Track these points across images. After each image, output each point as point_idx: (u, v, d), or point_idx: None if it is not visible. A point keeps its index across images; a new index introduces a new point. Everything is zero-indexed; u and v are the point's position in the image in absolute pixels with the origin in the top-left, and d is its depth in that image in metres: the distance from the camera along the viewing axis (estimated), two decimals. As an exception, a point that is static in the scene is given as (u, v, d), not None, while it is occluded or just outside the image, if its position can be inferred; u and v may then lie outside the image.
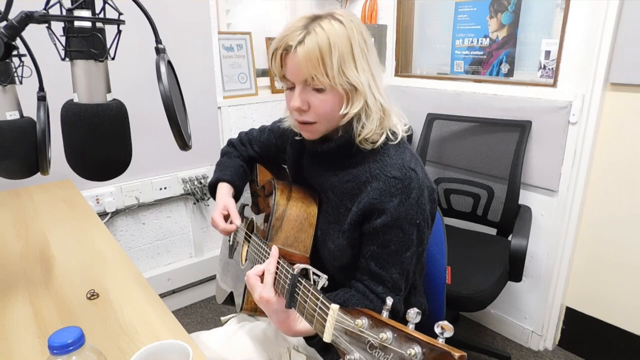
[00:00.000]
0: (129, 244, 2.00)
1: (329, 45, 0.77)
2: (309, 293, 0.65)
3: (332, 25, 0.79)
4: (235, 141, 1.23)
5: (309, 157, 1.00)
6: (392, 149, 0.87)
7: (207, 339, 1.00)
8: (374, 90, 0.83)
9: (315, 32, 0.78)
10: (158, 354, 0.64)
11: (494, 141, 1.77)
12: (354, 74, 0.80)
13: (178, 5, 1.87)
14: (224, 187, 1.12)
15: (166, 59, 0.65)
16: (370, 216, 0.83)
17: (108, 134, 0.62)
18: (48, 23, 0.56)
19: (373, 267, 0.84)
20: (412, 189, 0.82)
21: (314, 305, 0.63)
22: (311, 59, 0.78)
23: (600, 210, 1.66)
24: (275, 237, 0.92)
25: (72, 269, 1.02)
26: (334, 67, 0.78)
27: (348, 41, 0.79)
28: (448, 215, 1.90)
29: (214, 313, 2.16)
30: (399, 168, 0.83)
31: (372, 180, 0.84)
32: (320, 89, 0.81)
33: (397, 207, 0.81)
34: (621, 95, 1.53)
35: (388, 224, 0.81)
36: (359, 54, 0.81)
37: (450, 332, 0.45)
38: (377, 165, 0.85)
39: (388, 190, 0.81)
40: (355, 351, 0.51)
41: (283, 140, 1.11)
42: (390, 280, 0.84)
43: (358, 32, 0.81)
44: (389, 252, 0.83)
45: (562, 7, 1.59)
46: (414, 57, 2.20)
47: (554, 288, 1.80)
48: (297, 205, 0.95)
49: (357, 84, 0.80)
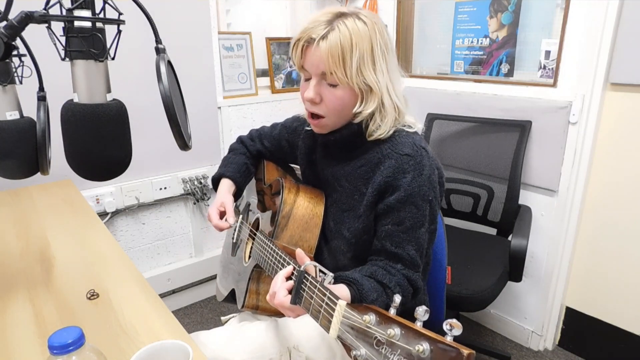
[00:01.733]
0: (129, 244, 2.00)
1: (351, 44, 0.80)
2: (315, 289, 0.65)
3: (355, 25, 0.81)
4: (245, 138, 1.25)
5: (321, 149, 1.02)
6: (403, 132, 0.89)
7: (207, 339, 1.00)
8: (390, 92, 0.85)
9: (339, 29, 0.80)
10: (158, 354, 0.64)
11: (494, 141, 1.77)
12: (372, 75, 0.82)
13: (178, 5, 1.87)
14: (226, 183, 1.14)
15: (166, 59, 0.65)
16: (384, 194, 0.85)
17: (108, 134, 0.62)
18: (48, 23, 0.56)
19: (389, 247, 0.85)
20: (424, 166, 0.84)
21: (320, 301, 0.63)
22: (332, 55, 0.80)
23: (600, 211, 1.66)
24: (281, 235, 0.93)
25: (72, 269, 1.02)
26: (353, 66, 0.80)
27: (369, 42, 0.81)
28: (448, 215, 1.90)
29: (214, 313, 2.16)
30: (410, 146, 0.85)
31: (385, 159, 0.86)
32: (335, 85, 0.84)
33: (410, 183, 0.83)
34: (621, 95, 1.53)
35: (402, 199, 0.83)
36: (379, 55, 0.83)
37: (459, 329, 0.44)
38: (388, 145, 0.87)
39: (401, 167, 0.84)
40: (362, 347, 0.51)
41: (295, 136, 1.13)
42: (408, 257, 0.85)
43: (380, 34, 0.83)
44: (404, 229, 0.84)
45: (562, 7, 1.59)
46: (414, 57, 2.20)
47: (554, 288, 1.80)
48: (304, 205, 0.96)
49: (373, 84, 0.83)
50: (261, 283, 1.02)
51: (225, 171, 1.16)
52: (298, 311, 0.72)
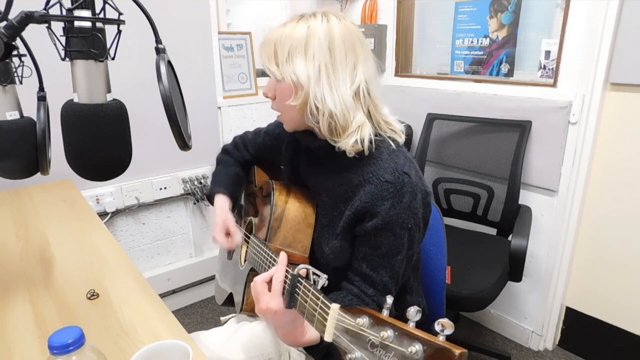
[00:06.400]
0: (129, 244, 2.00)
1: (282, 38, 0.82)
2: (310, 293, 0.65)
3: (301, 22, 0.83)
4: (230, 147, 1.24)
5: (305, 156, 1.01)
6: (386, 153, 0.86)
7: (206, 339, 1.00)
8: (326, 94, 0.82)
9: (284, 27, 0.84)
10: (158, 354, 0.64)
11: (494, 141, 1.77)
12: (301, 68, 0.81)
13: (178, 5, 1.87)
14: (221, 200, 1.11)
15: (166, 59, 0.65)
16: (362, 219, 0.84)
17: (108, 134, 0.62)
18: (48, 23, 0.56)
19: (364, 269, 0.84)
20: (404, 193, 0.81)
21: (314, 305, 0.63)
22: (265, 48, 0.86)
23: (600, 210, 1.66)
24: (274, 237, 0.92)
25: (72, 269, 1.02)
26: (283, 58, 0.82)
27: (305, 37, 0.81)
28: (448, 215, 1.90)
29: (214, 313, 2.16)
30: (392, 172, 0.82)
31: (365, 183, 0.84)
32: (278, 80, 0.86)
33: (388, 211, 0.81)
34: (621, 95, 1.53)
35: (379, 227, 0.81)
36: (316, 50, 0.81)
37: (450, 329, 0.44)
38: (370, 168, 0.84)
39: (380, 194, 0.81)
40: (357, 350, 0.51)
41: (279, 142, 1.11)
42: (381, 283, 0.84)
43: (325, 32, 0.81)
44: (380, 254, 0.83)
45: (562, 7, 1.59)
46: (414, 57, 2.20)
47: (554, 288, 1.80)
48: (295, 206, 0.95)
49: (301, 78, 0.82)
50: None
51: (218, 187, 1.13)
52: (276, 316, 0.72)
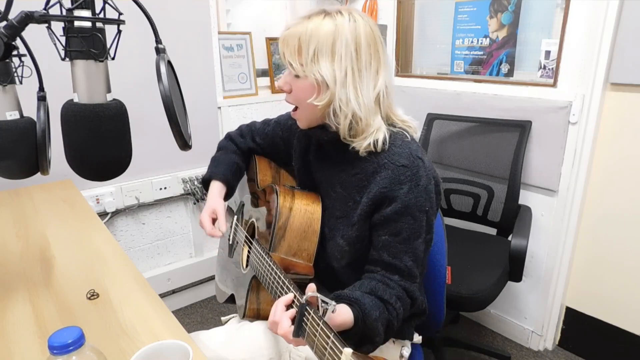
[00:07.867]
0: (129, 244, 2.00)
1: (309, 35, 0.81)
2: (318, 327, 0.63)
3: (327, 20, 0.81)
4: (234, 134, 1.21)
5: (316, 151, 1.01)
6: (399, 140, 0.88)
7: (207, 338, 1.00)
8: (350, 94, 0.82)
9: (308, 22, 0.81)
10: (158, 354, 0.64)
11: (494, 141, 1.77)
12: (328, 69, 0.81)
13: (178, 5, 1.87)
14: (216, 186, 1.11)
15: (166, 59, 0.65)
16: (380, 205, 0.84)
17: (108, 134, 0.62)
18: (48, 23, 0.56)
19: (386, 258, 0.84)
20: (420, 177, 0.83)
21: (324, 342, 0.61)
22: (288, 44, 0.83)
23: (600, 210, 1.66)
24: (279, 247, 0.91)
25: (72, 269, 1.02)
26: (309, 57, 0.81)
27: (332, 37, 0.80)
28: (448, 215, 1.90)
29: (214, 313, 2.16)
30: (407, 156, 0.84)
31: (381, 169, 0.85)
32: (298, 76, 0.85)
33: (407, 194, 0.82)
34: (621, 95, 1.53)
35: (399, 211, 0.82)
36: (343, 53, 0.81)
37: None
38: (385, 155, 0.86)
39: (397, 178, 0.83)
40: None
41: (290, 134, 1.10)
42: (405, 268, 0.84)
43: (353, 33, 0.81)
44: (401, 239, 0.84)
45: (562, 7, 1.59)
46: (414, 57, 2.20)
47: (554, 288, 1.80)
48: (301, 213, 0.93)
49: (328, 79, 0.81)
50: (261, 292, 1.00)
51: (215, 172, 1.12)
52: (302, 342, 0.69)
